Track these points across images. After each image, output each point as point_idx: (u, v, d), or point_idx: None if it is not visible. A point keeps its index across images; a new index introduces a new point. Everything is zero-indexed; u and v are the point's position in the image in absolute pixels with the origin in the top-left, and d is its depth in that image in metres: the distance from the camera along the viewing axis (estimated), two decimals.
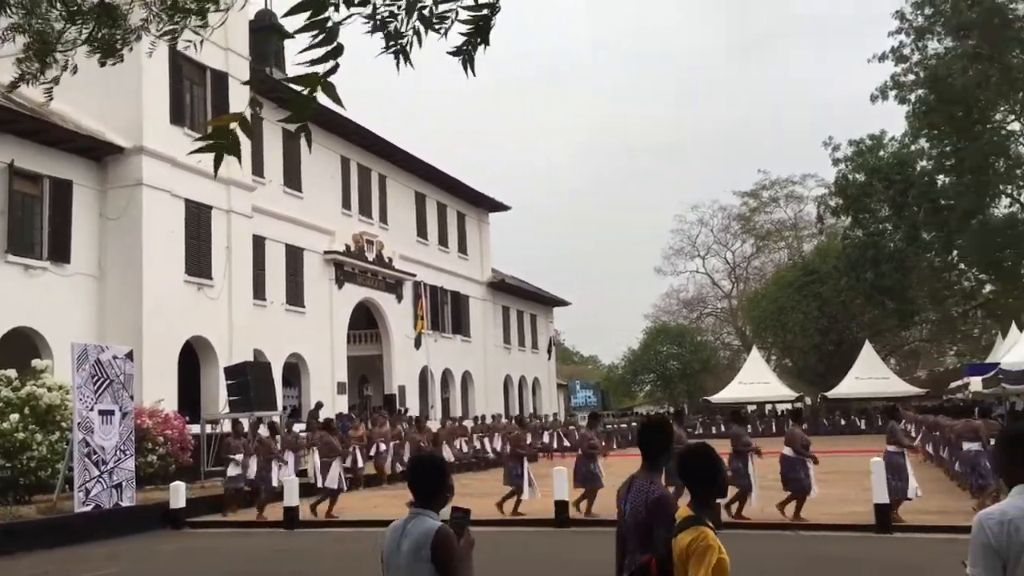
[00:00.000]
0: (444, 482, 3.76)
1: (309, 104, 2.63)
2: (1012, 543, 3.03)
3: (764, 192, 68.89)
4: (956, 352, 59.11)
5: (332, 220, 31.79)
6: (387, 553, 3.72)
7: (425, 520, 3.64)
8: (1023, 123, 41.18)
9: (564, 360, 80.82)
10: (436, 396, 37.53)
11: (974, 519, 3.20)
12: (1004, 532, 3.05)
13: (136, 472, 16.49)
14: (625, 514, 4.04)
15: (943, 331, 55.12)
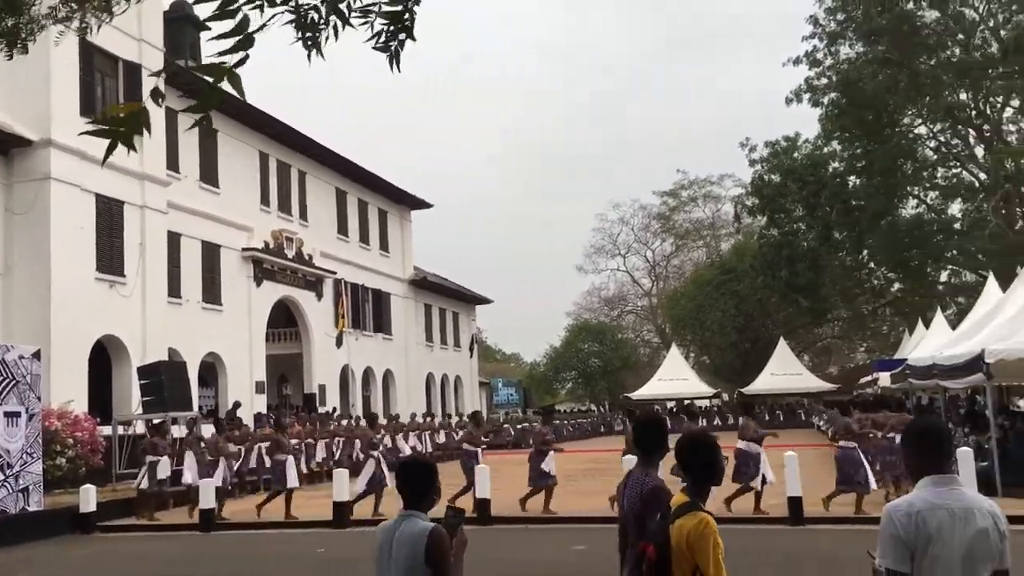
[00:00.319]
0: (434, 484, 3.83)
1: (215, 94, 2.56)
2: (920, 534, 3.13)
3: (683, 192, 70.20)
4: (866, 348, 61.04)
5: (250, 217, 31.21)
6: (379, 554, 3.75)
7: (417, 521, 3.69)
8: (929, 127, 42.74)
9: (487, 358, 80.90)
10: (357, 395, 37.18)
11: (883, 511, 3.29)
12: (912, 523, 3.15)
13: (44, 476, 15.95)
14: (624, 508, 4.14)
15: (854, 328, 56.87)
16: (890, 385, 27.39)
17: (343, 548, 12.87)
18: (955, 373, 16.19)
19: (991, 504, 3.24)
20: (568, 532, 13.38)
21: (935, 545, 3.12)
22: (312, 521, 15.29)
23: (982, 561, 3.13)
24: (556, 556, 11.55)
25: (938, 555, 3.11)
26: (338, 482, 15.19)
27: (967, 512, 3.15)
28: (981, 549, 3.13)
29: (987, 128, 40.76)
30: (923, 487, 3.24)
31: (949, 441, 3.35)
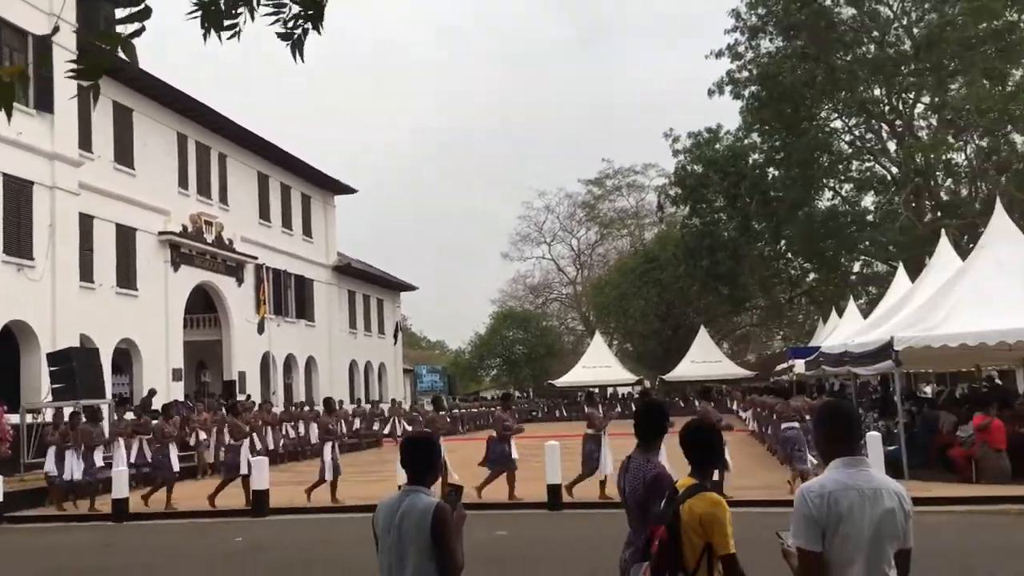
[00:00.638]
0: (436, 460, 4.00)
1: (105, 60, 2.47)
2: (831, 514, 3.22)
3: (608, 181, 70.72)
4: (783, 336, 62.49)
5: (168, 199, 30.40)
6: (382, 529, 3.84)
7: (421, 497, 3.82)
8: (845, 121, 43.88)
9: (412, 345, 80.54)
10: (279, 382, 36.64)
11: (796, 492, 3.35)
12: (824, 504, 3.23)
13: None
14: (625, 492, 4.28)
15: (771, 316, 58.18)
16: (804, 372, 28.08)
17: (261, 537, 12.67)
18: (865, 360, 16.66)
19: (897, 485, 3.34)
20: (491, 517, 13.39)
21: (845, 524, 3.20)
22: (232, 510, 15.03)
23: (888, 539, 3.23)
24: (477, 541, 11.54)
25: (848, 533, 3.20)
26: (258, 471, 14.95)
27: (876, 492, 3.25)
28: (888, 528, 3.22)
29: (899, 123, 42.02)
30: (834, 468, 3.32)
31: (859, 424, 3.43)
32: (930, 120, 42.13)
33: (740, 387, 39.99)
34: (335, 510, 14.88)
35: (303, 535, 12.95)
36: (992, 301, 14.58)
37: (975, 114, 35.99)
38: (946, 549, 9.44)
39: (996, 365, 25.01)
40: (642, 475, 4.14)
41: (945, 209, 39.78)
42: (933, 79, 38.88)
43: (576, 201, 72.84)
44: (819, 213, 43.46)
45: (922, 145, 38.63)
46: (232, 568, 10.60)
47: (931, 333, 14.55)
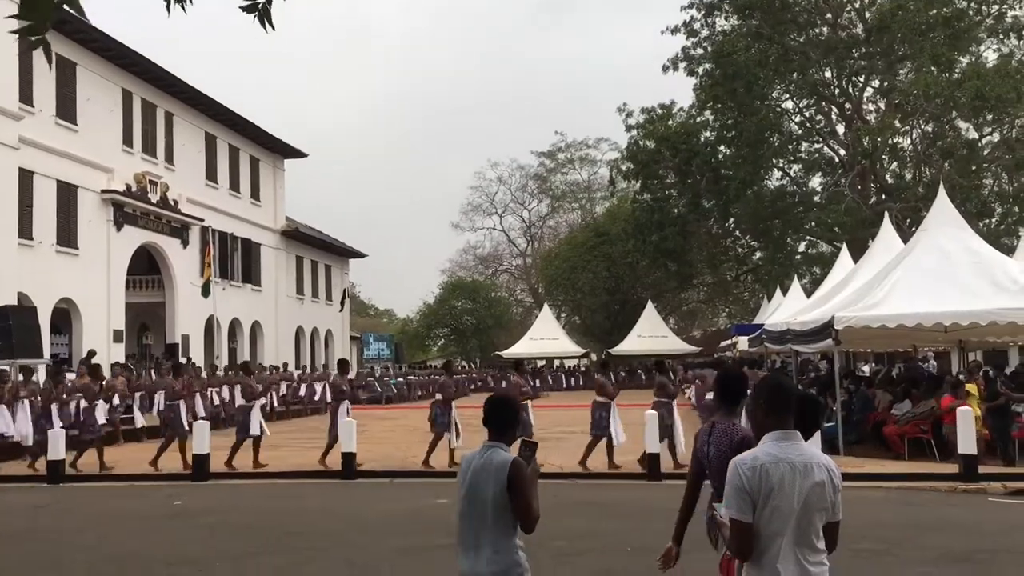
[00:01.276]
0: (516, 419, 4.30)
1: (47, 7, 2.36)
2: (762, 485, 3.28)
3: (560, 154, 70.73)
4: (728, 313, 63.33)
5: (111, 158, 29.71)
6: (469, 482, 4.07)
7: (499, 452, 4.10)
8: (796, 102, 44.28)
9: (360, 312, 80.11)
10: (223, 346, 36.21)
11: (730, 464, 3.39)
12: (756, 476, 3.29)
13: None
14: (709, 455, 4.39)
15: (718, 293, 58.86)
16: (748, 349, 28.50)
17: (200, 501, 12.55)
18: (807, 338, 16.95)
19: (827, 459, 3.41)
20: (433, 486, 13.42)
21: (776, 496, 3.27)
22: (171, 474, 14.86)
23: (817, 511, 3.30)
24: (418, 508, 11.58)
25: (778, 505, 3.26)
26: (199, 434, 14.78)
27: (806, 466, 3.31)
28: (816, 500, 3.29)
29: (848, 106, 42.54)
30: (767, 442, 3.37)
31: (790, 399, 3.48)
32: (878, 104, 42.71)
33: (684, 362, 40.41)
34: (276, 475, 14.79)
35: (245, 500, 12.86)
36: (930, 284, 14.88)
37: (922, 99, 36.54)
38: (876, 523, 9.69)
39: (933, 346, 25.61)
40: (728, 438, 4.30)
41: (890, 192, 40.45)
42: (883, 63, 39.38)
43: (528, 173, 72.84)
44: (767, 192, 43.92)
45: (870, 128, 39.14)
46: (164, 531, 10.49)
47: (870, 313, 14.82)
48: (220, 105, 35.78)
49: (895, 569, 8.04)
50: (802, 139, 44.57)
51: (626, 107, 48.00)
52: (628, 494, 12.54)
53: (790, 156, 44.73)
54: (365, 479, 14.22)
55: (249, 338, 39.62)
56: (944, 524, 10.12)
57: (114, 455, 16.41)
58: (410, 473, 14.52)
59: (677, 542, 4.31)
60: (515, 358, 54.39)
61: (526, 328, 59.23)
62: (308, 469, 15.01)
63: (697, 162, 44.01)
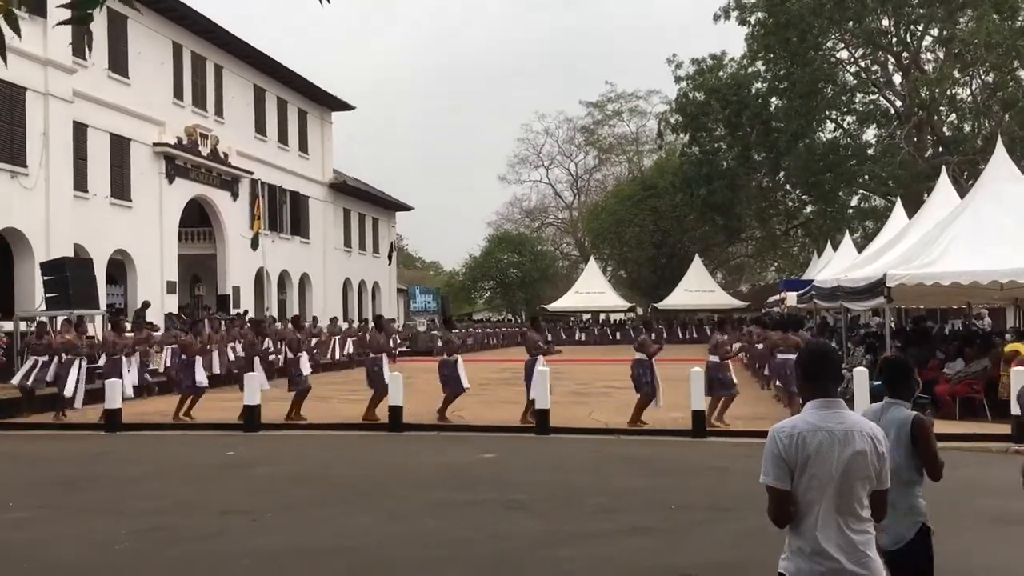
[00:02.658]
0: (912, 377, 4.49)
1: None
2: (800, 454, 3.27)
3: (609, 105, 69.87)
4: (777, 268, 62.58)
5: (163, 111, 30.02)
6: None
7: (900, 409, 4.33)
8: (851, 52, 43.17)
9: (406, 265, 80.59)
10: (273, 298, 36.74)
11: (769, 431, 3.38)
12: (793, 444, 3.27)
13: None
14: None
15: (766, 248, 58.15)
16: (796, 305, 28.19)
17: (252, 451, 12.84)
18: (858, 295, 16.67)
19: (872, 427, 3.36)
20: (478, 439, 13.58)
21: (813, 464, 3.25)
22: (222, 423, 15.20)
23: (859, 480, 3.27)
24: (464, 462, 11.73)
25: (816, 473, 3.25)
26: (249, 385, 15.06)
27: (847, 434, 3.27)
28: (858, 469, 3.26)
29: (906, 56, 41.37)
30: (809, 410, 3.35)
31: (837, 367, 3.44)
32: (937, 53, 41.48)
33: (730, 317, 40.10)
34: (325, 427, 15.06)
35: (294, 451, 13.13)
36: (987, 240, 14.52)
37: (983, 48, 35.40)
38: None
39: (988, 303, 25.12)
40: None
41: (947, 145, 39.45)
42: (943, 11, 38.15)
43: (575, 125, 72.19)
44: (819, 145, 43.08)
45: (927, 79, 38.10)
46: (218, 480, 10.76)
47: (923, 271, 14.52)
48: (268, 58, 35.88)
49: (946, 532, 7.98)
50: (856, 90, 43.52)
51: (676, 58, 47.27)
52: (672, 451, 12.56)
53: (844, 108, 43.78)
54: (412, 432, 14.41)
55: (298, 290, 40.12)
56: (996, 486, 9.98)
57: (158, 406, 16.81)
58: (457, 427, 14.67)
59: None
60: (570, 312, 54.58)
61: (572, 282, 59.19)
62: (356, 421, 15.24)
63: (747, 114, 43.28)
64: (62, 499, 9.63)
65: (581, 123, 71.55)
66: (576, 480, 10.38)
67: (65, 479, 10.83)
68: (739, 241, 58.10)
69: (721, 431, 13.69)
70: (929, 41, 41.53)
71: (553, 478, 10.52)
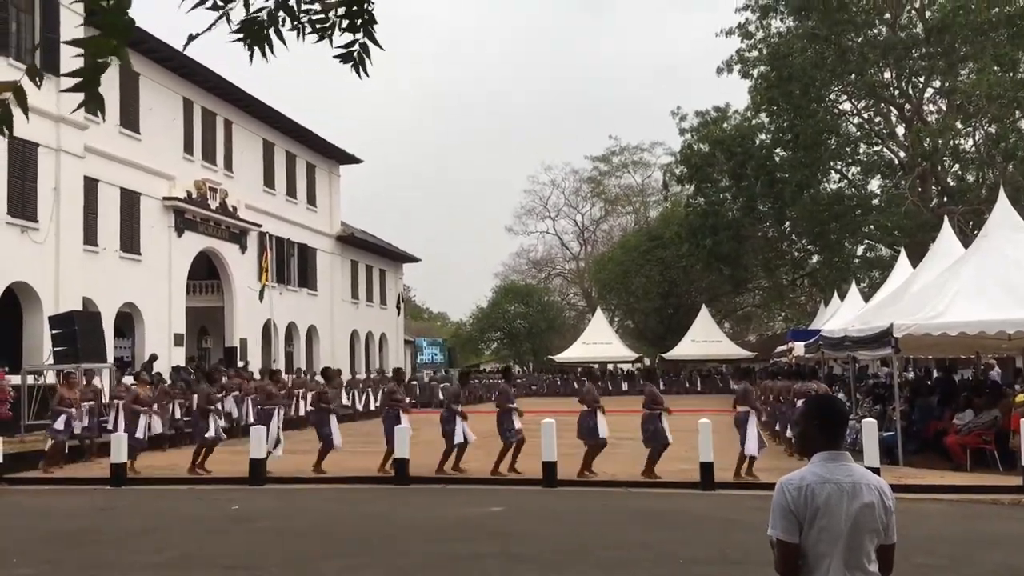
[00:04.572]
0: None
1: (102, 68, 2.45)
2: (808, 507, 3.25)
3: (614, 157, 70.63)
4: (784, 318, 62.51)
5: (173, 165, 30.35)
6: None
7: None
8: (854, 104, 43.59)
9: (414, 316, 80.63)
10: (280, 350, 36.74)
11: (776, 484, 3.36)
12: (802, 496, 3.26)
13: None
14: None
15: (773, 297, 58.18)
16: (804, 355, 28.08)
17: (257, 505, 12.75)
18: (865, 345, 16.65)
19: (879, 480, 3.35)
20: (485, 492, 13.47)
21: (822, 517, 3.23)
22: (228, 477, 15.12)
23: (868, 533, 3.25)
24: (471, 515, 11.62)
25: (825, 527, 3.22)
26: (256, 438, 15.01)
27: (855, 487, 3.26)
28: (866, 522, 3.24)
29: (908, 107, 41.75)
30: (816, 462, 3.34)
31: (844, 419, 3.44)
32: (939, 105, 41.88)
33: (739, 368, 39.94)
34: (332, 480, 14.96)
35: (300, 504, 13.03)
36: (993, 290, 14.55)
37: (984, 100, 35.72)
38: (936, 537, 9.48)
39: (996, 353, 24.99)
40: None
41: (951, 195, 39.63)
42: (944, 63, 38.56)
43: (582, 177, 72.87)
44: (824, 196, 43.30)
45: (930, 130, 38.38)
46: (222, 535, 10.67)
47: (931, 321, 14.52)
48: (277, 113, 36.35)
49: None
50: (860, 141, 43.89)
51: (680, 110, 47.93)
52: (681, 503, 12.44)
53: (848, 158, 44.10)
54: (418, 485, 14.31)
55: (305, 342, 40.13)
56: (1007, 539, 9.87)
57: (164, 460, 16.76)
58: (462, 480, 14.56)
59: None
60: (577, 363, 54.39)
61: (579, 332, 59.17)
62: (364, 474, 15.13)
63: (752, 165, 43.57)
64: (66, 554, 9.55)
65: (587, 175, 72.25)
66: (584, 533, 10.27)
67: (70, 534, 10.75)
68: (746, 291, 58.17)
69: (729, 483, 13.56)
70: (931, 93, 41.99)
71: (561, 531, 10.41)
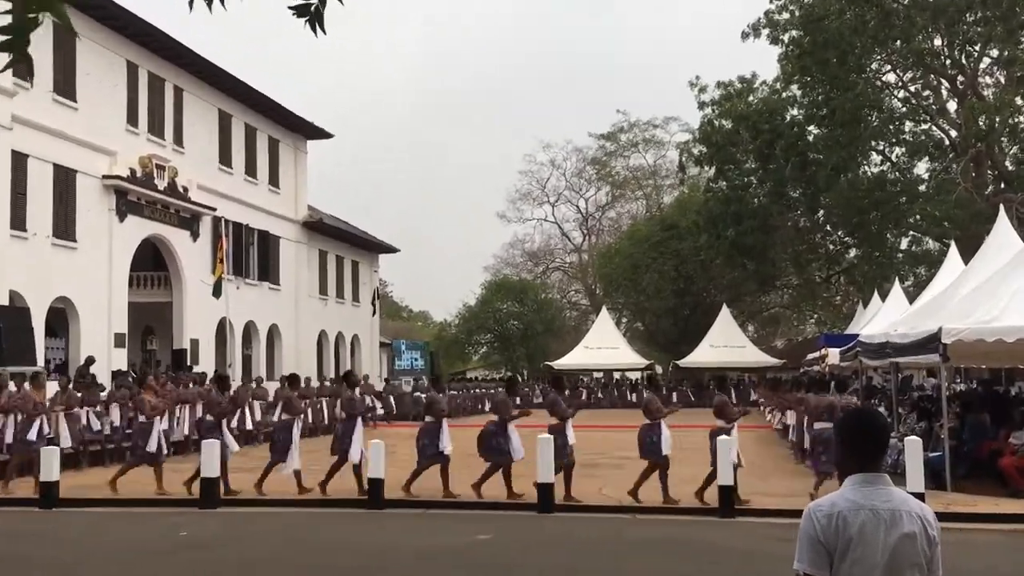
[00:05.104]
0: None
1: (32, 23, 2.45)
2: (840, 537, 3.24)
3: (623, 135, 70.49)
4: (816, 320, 62.66)
5: (114, 139, 30.28)
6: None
7: None
8: (899, 75, 43.65)
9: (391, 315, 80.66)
10: (236, 352, 36.72)
11: (804, 510, 3.38)
12: (832, 525, 3.25)
13: None
14: None
15: (804, 297, 58.24)
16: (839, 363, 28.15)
17: (208, 531, 12.75)
18: (909, 351, 16.66)
19: (922, 507, 3.35)
20: (471, 518, 13.49)
21: (856, 549, 3.22)
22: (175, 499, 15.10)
23: (907, 568, 3.24)
24: (455, 544, 11.65)
25: (858, 560, 3.22)
26: (208, 454, 14.97)
27: (894, 515, 3.26)
28: (906, 555, 3.24)
29: (961, 80, 41.81)
30: (849, 485, 3.35)
31: (883, 436, 3.44)
32: (997, 77, 41.94)
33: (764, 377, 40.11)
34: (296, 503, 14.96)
35: (257, 530, 13.03)
36: None
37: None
38: (990, 571, 9.53)
39: None
40: None
41: (1009, 181, 39.73)
42: (1002, 29, 38.59)
43: (586, 157, 72.80)
44: (864, 180, 43.31)
45: (986, 106, 38.45)
46: (168, 565, 10.67)
47: (985, 325, 14.54)
48: (235, 79, 36.26)
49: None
50: (906, 118, 43.93)
51: (699, 81, 47.75)
52: (696, 532, 12.48)
53: (891, 138, 44.14)
54: (394, 508, 14.32)
55: (266, 343, 40.11)
56: None
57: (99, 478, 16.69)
58: (446, 503, 14.57)
59: None
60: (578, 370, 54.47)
61: (581, 335, 59.18)
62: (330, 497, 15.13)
63: (781, 145, 43.60)
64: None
65: (592, 155, 72.17)
66: (585, 566, 10.30)
67: None
68: (773, 289, 58.23)
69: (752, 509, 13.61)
70: (987, 63, 42.03)
71: (556, 563, 10.44)
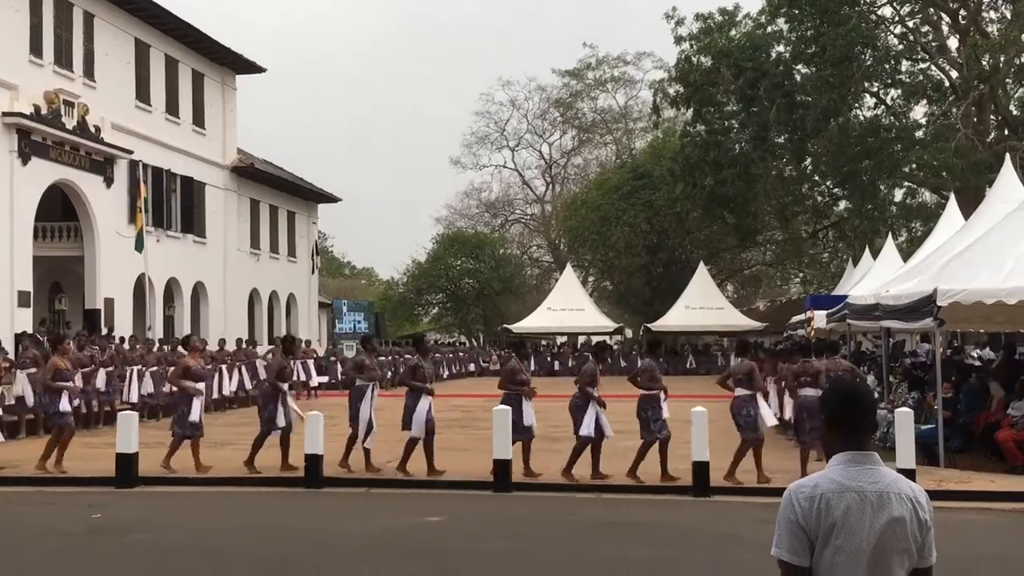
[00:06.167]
0: None
1: None
2: (822, 521, 3.24)
3: (590, 73, 70.31)
4: (802, 280, 63.25)
5: (15, 70, 29.68)
6: None
7: None
8: (895, 8, 43.78)
9: (331, 273, 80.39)
10: (157, 313, 36.39)
11: (785, 493, 3.38)
12: (814, 508, 3.26)
13: None
14: None
15: (789, 254, 58.73)
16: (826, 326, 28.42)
17: (125, 513, 12.67)
18: (901, 315, 16.79)
19: (913, 488, 3.36)
20: (420, 498, 13.52)
21: (839, 535, 3.23)
22: (87, 477, 14.98)
23: (897, 554, 3.26)
24: (401, 526, 11.66)
25: (842, 546, 3.23)
26: (124, 427, 14.84)
27: (881, 496, 3.27)
28: (895, 541, 3.25)
29: (963, 15, 42.03)
30: (834, 466, 3.35)
31: (871, 410, 3.45)
32: (1003, 11, 42.19)
33: None
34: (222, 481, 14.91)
35: (181, 513, 12.98)
36: None
37: None
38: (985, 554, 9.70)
39: None
40: None
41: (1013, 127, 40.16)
42: None
43: (549, 97, 72.55)
44: (856, 125, 43.58)
45: (990, 44, 38.74)
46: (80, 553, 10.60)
47: (983, 286, 14.70)
48: (154, 4, 35.64)
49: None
50: (902, 56, 44.18)
51: (675, 12, 47.60)
52: (665, 513, 12.59)
53: (886, 79, 44.35)
54: (335, 488, 14.31)
55: (191, 302, 39.78)
56: None
57: None
58: (392, 482, 14.57)
59: None
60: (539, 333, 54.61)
61: (543, 295, 59.30)
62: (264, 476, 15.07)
63: (766, 85, 43.69)
64: None
65: (556, 95, 71.94)
66: (546, 551, 10.36)
67: None
68: (755, 245, 58.63)
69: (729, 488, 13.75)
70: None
71: (513, 548, 10.49)
